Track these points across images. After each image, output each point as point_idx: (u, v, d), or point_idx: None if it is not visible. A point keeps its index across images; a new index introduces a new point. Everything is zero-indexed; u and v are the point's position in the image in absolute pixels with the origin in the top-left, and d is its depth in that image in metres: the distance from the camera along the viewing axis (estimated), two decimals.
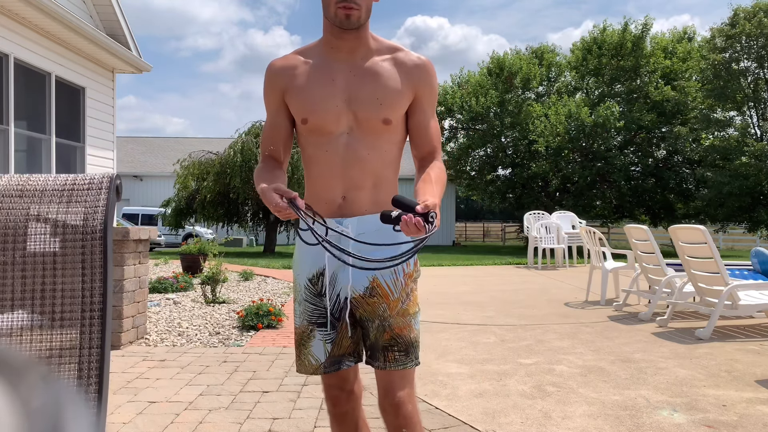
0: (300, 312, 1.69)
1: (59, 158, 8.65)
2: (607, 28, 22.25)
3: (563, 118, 19.74)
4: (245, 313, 5.27)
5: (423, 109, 1.64)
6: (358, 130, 1.59)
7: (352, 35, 1.57)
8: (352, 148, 1.59)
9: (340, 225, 1.60)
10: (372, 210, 1.61)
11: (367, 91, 1.58)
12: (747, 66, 19.12)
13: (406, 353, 1.60)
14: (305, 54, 1.66)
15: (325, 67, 1.61)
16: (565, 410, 3.02)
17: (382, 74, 1.59)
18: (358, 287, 1.61)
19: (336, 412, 1.70)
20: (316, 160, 1.64)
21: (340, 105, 1.58)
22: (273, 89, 1.66)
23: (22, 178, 1.20)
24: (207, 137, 34.58)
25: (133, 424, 2.81)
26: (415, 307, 1.64)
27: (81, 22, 8.25)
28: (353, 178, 1.60)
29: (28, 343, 1.10)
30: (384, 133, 1.60)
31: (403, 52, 1.64)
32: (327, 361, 1.64)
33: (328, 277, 1.63)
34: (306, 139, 1.65)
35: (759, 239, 22.25)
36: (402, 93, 1.60)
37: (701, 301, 5.21)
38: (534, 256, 11.91)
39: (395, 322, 1.59)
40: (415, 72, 1.62)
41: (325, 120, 1.59)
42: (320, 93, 1.59)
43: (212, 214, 17.09)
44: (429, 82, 1.64)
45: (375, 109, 1.57)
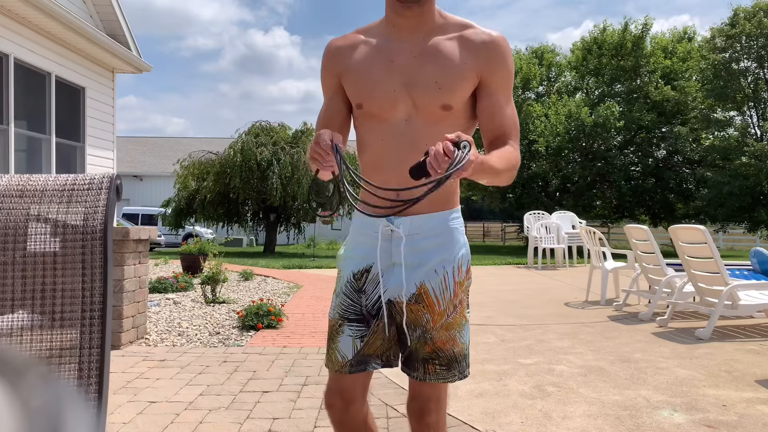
0: (335, 305, 1.58)
1: (59, 158, 8.65)
2: (607, 28, 22.26)
3: (563, 118, 19.74)
4: (245, 313, 5.27)
5: (491, 92, 1.46)
6: (417, 117, 1.45)
7: (414, 11, 1.43)
8: (409, 137, 1.45)
9: (391, 224, 1.49)
10: (427, 210, 1.48)
11: (426, 73, 1.43)
12: (747, 66, 19.13)
13: (447, 368, 1.49)
14: (367, 33, 1.54)
15: (384, 47, 1.48)
16: (565, 410, 3.02)
17: (444, 54, 1.44)
18: (404, 292, 1.49)
19: (332, 417, 1.62)
20: (370, 149, 1.51)
21: (398, 89, 1.45)
22: (329, 71, 1.56)
23: (22, 178, 1.20)
24: (207, 137, 34.58)
25: (133, 424, 2.81)
26: (462, 319, 1.52)
27: (81, 22, 8.25)
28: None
29: (28, 343, 1.10)
30: (444, 120, 1.45)
31: (472, 29, 1.48)
32: (354, 359, 1.52)
33: (372, 274, 1.52)
34: (361, 124, 1.54)
35: (759, 239, 22.25)
36: (464, 75, 1.44)
37: (701, 301, 5.21)
38: (534, 256, 11.91)
39: (437, 336, 1.48)
40: (482, 51, 1.45)
41: (381, 106, 1.46)
42: (377, 76, 1.46)
43: (212, 214, 17.11)
44: (499, 62, 1.46)
45: (433, 94, 1.42)
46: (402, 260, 1.49)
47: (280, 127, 17.98)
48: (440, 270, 1.50)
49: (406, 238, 1.48)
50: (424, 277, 1.49)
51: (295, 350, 4.37)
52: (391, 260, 1.52)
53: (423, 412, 1.52)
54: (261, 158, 15.99)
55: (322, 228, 23.53)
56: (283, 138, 17.38)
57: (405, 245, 1.48)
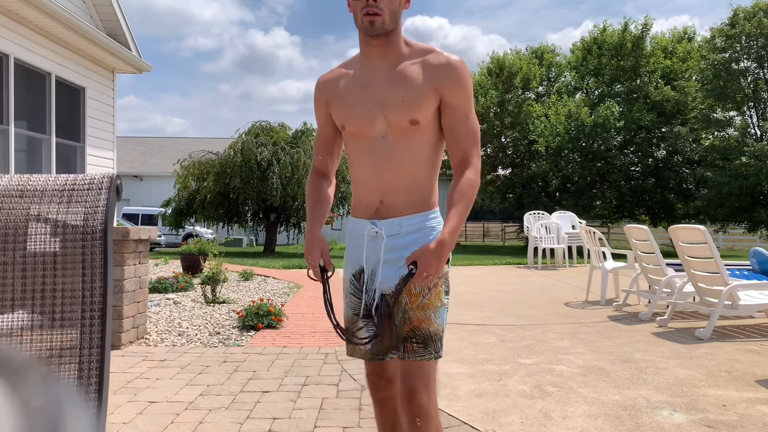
0: (347, 303, 1.81)
1: (59, 158, 8.65)
2: (607, 28, 22.25)
3: (563, 118, 19.74)
4: (245, 313, 5.27)
5: (450, 109, 1.66)
6: (391, 133, 1.66)
7: (381, 41, 1.64)
8: (386, 151, 1.67)
9: (374, 227, 1.70)
10: (407, 212, 1.69)
11: (394, 94, 1.64)
12: (747, 66, 19.13)
13: (424, 345, 1.66)
14: (348, 65, 1.77)
15: (359, 75, 1.70)
16: (565, 410, 3.02)
17: (408, 77, 1.64)
18: (391, 284, 1.70)
19: (375, 396, 1.82)
20: (356, 163, 1.74)
21: (373, 110, 1.66)
22: (319, 102, 1.79)
23: (22, 178, 1.20)
24: (207, 137, 34.57)
25: (133, 424, 2.81)
26: (437, 301, 1.69)
27: (81, 22, 8.25)
28: (389, 181, 1.68)
29: (28, 343, 1.10)
30: (414, 134, 1.66)
31: (433, 54, 1.67)
32: (371, 349, 1.75)
33: (366, 273, 1.74)
34: (348, 144, 1.76)
35: (759, 239, 22.24)
36: (426, 94, 1.63)
37: (701, 301, 5.21)
38: (534, 256, 11.91)
39: (414, 315, 1.67)
40: (441, 72, 1.64)
41: (359, 125, 1.68)
42: (353, 100, 1.69)
43: (212, 214, 17.09)
44: (455, 81, 1.64)
45: (401, 111, 1.63)
46: (381, 257, 1.70)
47: (280, 127, 17.98)
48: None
49: (388, 238, 1.69)
50: (403, 269, 1.68)
51: (295, 350, 4.37)
52: (377, 258, 1.72)
53: (412, 393, 1.64)
54: (261, 158, 15.99)
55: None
56: (283, 138, 17.38)
57: (386, 244, 1.69)
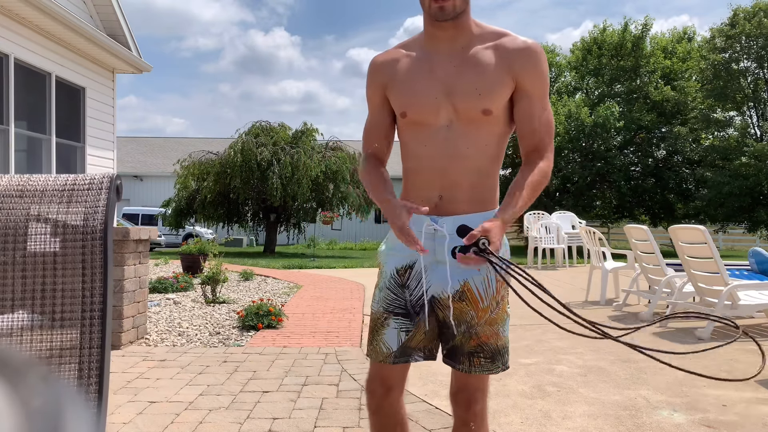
0: (380, 298, 1.66)
1: (59, 158, 8.65)
2: (607, 28, 22.26)
3: (563, 118, 19.73)
4: (245, 313, 5.27)
5: (527, 95, 1.54)
6: (458, 122, 1.54)
7: (450, 24, 1.52)
8: (452, 142, 1.55)
9: (434, 223, 1.56)
10: (469, 210, 1.57)
11: (465, 81, 1.52)
12: (747, 66, 19.14)
13: (492, 360, 1.59)
14: (407, 47, 1.64)
15: (424, 58, 1.58)
16: (565, 410, 3.02)
17: (482, 62, 1.53)
18: (447, 288, 1.58)
19: (371, 403, 1.72)
20: (415, 154, 1.60)
21: (439, 97, 1.54)
22: (375, 85, 1.66)
23: (22, 179, 1.20)
24: (207, 137, 34.57)
25: (133, 424, 2.81)
26: (504, 314, 1.61)
27: (81, 22, 8.25)
28: (452, 174, 1.55)
29: (28, 343, 1.10)
30: (485, 124, 1.54)
31: (508, 38, 1.56)
32: (398, 350, 1.62)
33: (416, 271, 1.61)
34: (406, 132, 1.63)
35: (759, 239, 22.25)
36: (502, 81, 1.52)
37: (701, 301, 5.21)
38: (534, 256, 11.91)
39: (482, 331, 1.58)
40: (517, 58, 1.53)
41: (423, 113, 1.55)
42: (419, 85, 1.56)
43: (212, 214, 17.10)
44: (533, 67, 1.54)
45: (474, 100, 1.51)
46: (447, 258, 1.54)
47: (280, 127, 17.98)
48: (483, 268, 1.58)
49: (450, 236, 1.54)
50: (467, 275, 1.58)
51: (295, 350, 4.37)
52: (434, 257, 1.59)
53: (470, 401, 1.61)
54: (261, 158, 15.99)
55: (322, 228, 23.52)
56: (283, 138, 17.38)
57: (449, 243, 1.54)
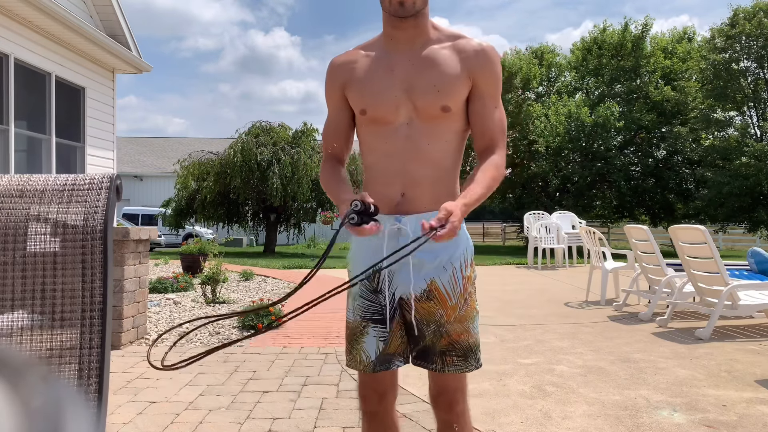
0: (354, 307, 1.65)
1: (59, 158, 8.65)
2: (607, 28, 22.25)
3: (563, 118, 19.74)
4: None
5: (481, 95, 1.57)
6: (417, 120, 1.55)
7: (409, 24, 1.54)
8: (412, 139, 1.55)
9: (398, 223, 1.56)
10: (431, 208, 1.56)
11: (425, 79, 1.54)
12: (747, 66, 19.13)
13: (464, 358, 1.58)
14: (366, 48, 1.64)
15: (384, 58, 1.59)
16: (565, 410, 3.02)
17: (440, 61, 1.55)
18: (415, 289, 1.57)
19: (365, 410, 1.70)
20: (375, 151, 1.60)
21: (398, 95, 1.55)
22: (333, 85, 1.65)
23: (22, 178, 1.20)
24: (207, 137, 34.58)
25: (133, 424, 2.81)
26: (473, 311, 1.61)
27: (81, 22, 8.25)
28: (413, 171, 1.55)
29: (28, 343, 1.10)
30: (444, 121, 1.56)
31: (464, 39, 1.59)
32: (377, 359, 1.60)
33: (383, 273, 1.59)
34: (365, 130, 1.63)
35: (759, 239, 22.24)
36: (460, 79, 1.54)
37: (701, 301, 5.21)
38: (534, 256, 11.91)
39: (453, 329, 1.57)
40: (474, 58, 1.56)
41: (383, 110, 1.56)
42: (379, 84, 1.57)
43: (212, 214, 17.10)
44: (489, 68, 1.57)
45: (433, 97, 1.53)
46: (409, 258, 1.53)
47: (280, 127, 17.98)
48: (448, 266, 1.58)
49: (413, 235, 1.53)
50: (433, 273, 1.57)
51: (295, 350, 4.37)
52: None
53: (451, 403, 1.61)
54: (261, 158, 15.99)
55: (322, 228, 23.52)
56: (283, 138, 17.38)
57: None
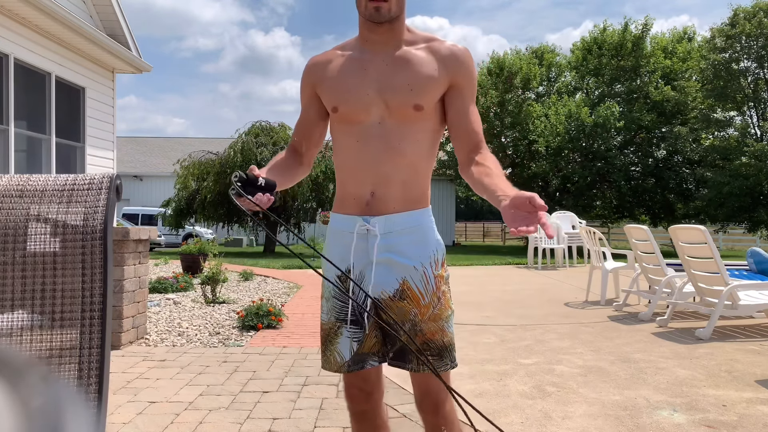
0: (328, 308, 1.65)
1: (59, 158, 8.65)
2: (608, 28, 22.26)
3: (563, 118, 19.74)
4: (245, 313, 5.27)
5: (461, 94, 1.58)
6: (390, 119, 1.55)
7: (384, 28, 1.55)
8: (383, 139, 1.55)
9: (366, 224, 1.55)
10: (401, 208, 1.56)
11: (398, 78, 1.54)
12: (747, 66, 19.14)
13: (440, 357, 1.57)
14: (343, 48, 1.65)
15: (358, 58, 1.60)
16: (565, 410, 3.02)
17: (414, 61, 1.56)
18: (386, 288, 1.57)
19: (354, 410, 1.70)
20: (346, 149, 1.60)
21: (371, 94, 1.55)
22: (306, 83, 1.67)
23: (22, 178, 1.20)
24: (207, 137, 34.59)
25: (133, 424, 2.81)
26: (448, 310, 1.60)
27: (81, 22, 8.25)
28: (384, 171, 1.55)
29: (28, 343, 1.10)
30: (417, 120, 1.56)
31: (438, 41, 1.60)
32: (351, 359, 1.60)
33: (354, 274, 1.59)
34: (337, 128, 1.63)
35: (759, 239, 22.24)
36: (435, 79, 1.55)
37: (701, 301, 5.21)
38: (534, 256, 11.91)
39: (427, 328, 1.56)
40: (450, 59, 1.57)
41: (355, 108, 1.56)
42: (351, 82, 1.57)
43: (212, 214, 17.10)
44: (466, 69, 1.58)
45: (405, 95, 1.53)
46: (374, 257, 1.55)
47: (280, 127, 17.99)
48: (419, 266, 1.58)
49: (381, 236, 1.55)
50: (404, 273, 1.57)
51: (295, 350, 4.37)
52: (368, 258, 1.58)
53: (437, 405, 1.60)
54: (261, 158, 15.99)
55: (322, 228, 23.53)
56: (283, 138, 17.38)
57: (380, 243, 1.55)
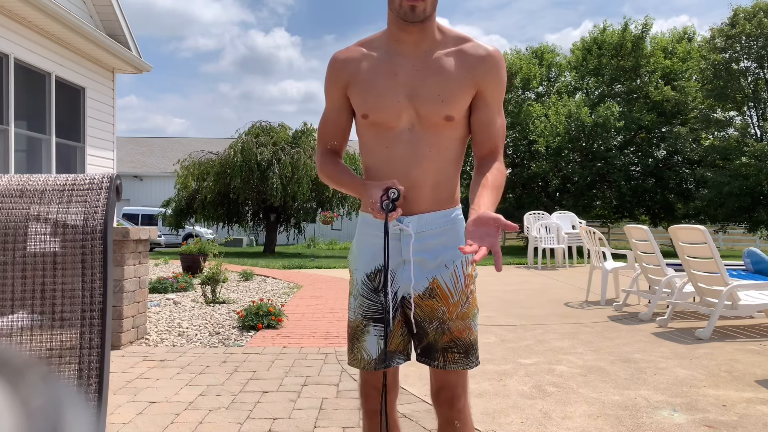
0: (355, 306, 1.66)
1: (59, 158, 8.65)
2: (607, 28, 22.26)
3: (563, 118, 19.73)
4: (245, 313, 5.27)
5: (486, 103, 1.57)
6: (419, 126, 1.54)
7: (416, 28, 1.52)
8: (413, 145, 1.55)
9: (399, 223, 1.57)
10: (432, 208, 1.58)
11: (428, 86, 1.52)
12: (747, 66, 19.13)
13: (466, 355, 1.59)
14: (369, 45, 1.61)
15: (387, 60, 1.56)
16: (565, 410, 3.02)
17: (445, 68, 1.53)
18: (417, 287, 1.59)
19: (367, 408, 1.71)
20: (376, 154, 1.60)
21: (402, 101, 1.53)
22: (336, 83, 1.62)
23: (22, 178, 1.20)
24: (207, 137, 34.59)
25: (133, 424, 2.81)
26: (474, 308, 1.62)
27: (81, 22, 8.25)
28: (414, 176, 1.55)
29: (28, 343, 1.10)
30: (446, 129, 1.55)
31: (470, 44, 1.57)
32: (378, 357, 1.62)
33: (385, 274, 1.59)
34: (366, 132, 1.61)
35: (759, 239, 22.24)
36: (464, 88, 1.53)
37: (701, 301, 5.21)
38: (534, 256, 11.91)
39: (455, 326, 1.58)
40: (479, 65, 1.54)
41: (385, 116, 1.55)
42: (381, 88, 1.55)
43: (212, 214, 17.12)
44: (494, 75, 1.56)
45: (436, 106, 1.52)
46: (411, 257, 1.57)
47: (280, 127, 18.00)
48: (450, 264, 1.59)
49: (415, 235, 1.57)
50: (435, 272, 1.59)
51: (295, 350, 4.37)
52: (401, 258, 1.60)
53: (453, 399, 1.61)
54: (261, 158, 16.00)
55: (322, 228, 23.50)
56: (283, 138, 17.39)
57: (415, 242, 1.57)
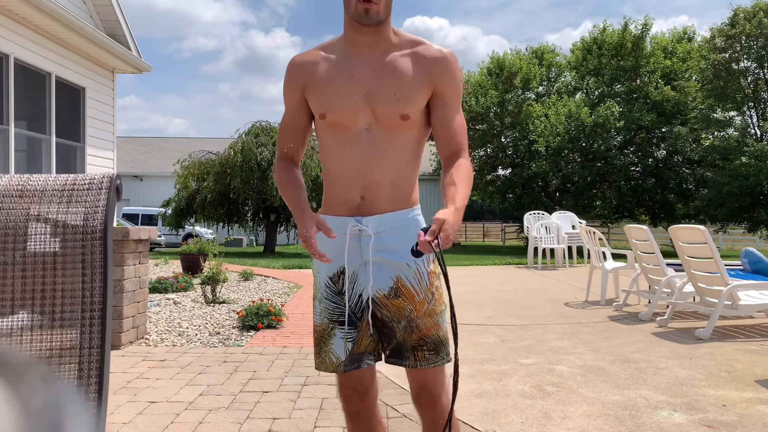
0: (320, 310, 1.67)
1: (59, 158, 8.65)
2: (607, 28, 22.26)
3: (563, 118, 19.74)
4: (245, 313, 5.27)
5: (444, 102, 1.59)
6: (377, 126, 1.56)
7: (371, 30, 1.55)
8: (371, 145, 1.57)
9: (359, 224, 1.59)
10: (391, 209, 1.60)
11: (385, 86, 1.55)
12: (747, 66, 19.14)
13: (435, 352, 1.60)
14: (327, 49, 1.64)
15: (344, 62, 1.59)
16: (565, 410, 3.02)
17: (400, 69, 1.56)
18: (381, 287, 1.60)
19: (349, 410, 1.71)
20: (334, 155, 1.61)
21: (358, 101, 1.56)
22: (294, 85, 1.65)
23: (22, 178, 1.20)
24: (207, 137, 34.59)
25: (133, 424, 2.81)
26: (441, 305, 1.63)
27: (81, 22, 8.25)
28: (372, 175, 1.57)
29: (28, 343, 1.10)
30: (403, 129, 1.58)
31: (423, 46, 1.60)
32: (347, 359, 1.63)
33: (348, 275, 1.62)
34: (324, 133, 1.63)
35: (759, 239, 22.24)
36: (420, 87, 1.56)
37: (701, 301, 5.21)
38: (534, 256, 11.91)
39: (423, 323, 1.59)
40: (433, 66, 1.58)
41: (342, 116, 1.57)
42: (338, 89, 1.57)
43: (212, 214, 17.11)
44: (449, 75, 1.59)
45: (392, 105, 1.54)
46: (370, 257, 1.59)
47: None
48: (412, 263, 1.61)
49: (375, 235, 1.59)
50: (398, 271, 1.60)
51: (295, 350, 4.37)
52: (362, 259, 1.61)
53: (434, 399, 1.63)
54: (261, 158, 16.00)
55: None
56: None
57: (374, 242, 1.59)
